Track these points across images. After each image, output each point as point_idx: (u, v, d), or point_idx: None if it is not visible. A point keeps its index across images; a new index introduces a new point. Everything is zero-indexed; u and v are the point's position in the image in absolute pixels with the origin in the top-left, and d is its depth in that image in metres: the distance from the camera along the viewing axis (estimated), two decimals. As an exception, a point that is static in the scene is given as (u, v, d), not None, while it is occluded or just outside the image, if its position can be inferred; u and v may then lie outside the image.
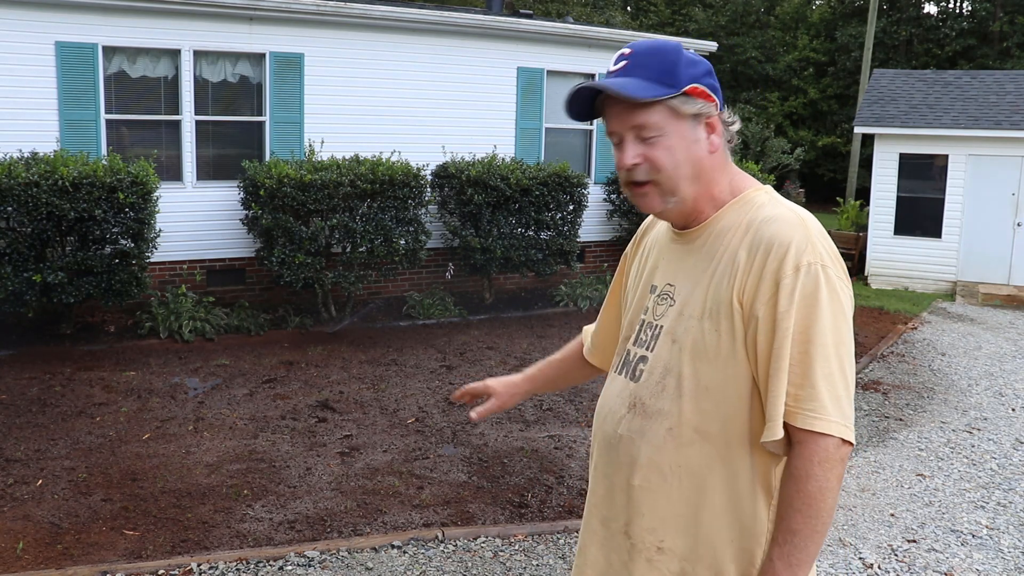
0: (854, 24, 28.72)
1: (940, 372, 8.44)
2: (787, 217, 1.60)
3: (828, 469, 1.51)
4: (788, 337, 1.52)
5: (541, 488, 5.17)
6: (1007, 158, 12.91)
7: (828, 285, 1.54)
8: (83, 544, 4.25)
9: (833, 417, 1.51)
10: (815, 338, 1.52)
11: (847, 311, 1.57)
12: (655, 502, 1.67)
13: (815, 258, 1.55)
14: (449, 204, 9.85)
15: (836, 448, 1.51)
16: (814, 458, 1.51)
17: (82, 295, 7.50)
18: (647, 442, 1.68)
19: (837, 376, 1.52)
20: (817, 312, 1.53)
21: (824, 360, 1.52)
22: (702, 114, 1.65)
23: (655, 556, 1.68)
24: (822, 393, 1.51)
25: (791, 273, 1.54)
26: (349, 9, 9.44)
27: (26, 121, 8.19)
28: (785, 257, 1.55)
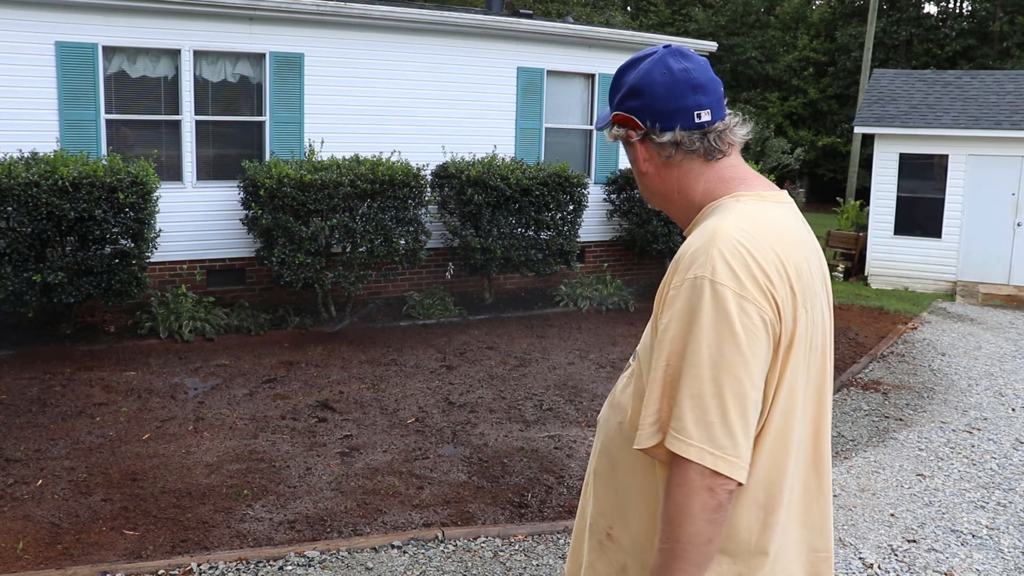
0: (854, 24, 28.73)
1: (940, 372, 8.44)
2: (705, 228, 1.58)
3: (687, 495, 1.44)
4: (663, 350, 1.50)
5: (541, 488, 5.17)
6: (1007, 158, 12.91)
7: (715, 302, 1.46)
8: (83, 544, 4.25)
9: (694, 441, 1.44)
10: (689, 356, 1.47)
11: (740, 332, 1.45)
12: (605, 490, 1.72)
13: (705, 272, 1.49)
14: (449, 204, 9.85)
15: (700, 475, 1.43)
16: (674, 479, 1.47)
17: (82, 295, 7.50)
18: (605, 431, 1.75)
19: (709, 400, 1.44)
20: (694, 329, 1.47)
21: (694, 380, 1.45)
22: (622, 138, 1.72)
23: (605, 541, 1.73)
24: (684, 414, 1.45)
25: (677, 286, 1.53)
26: (349, 9, 9.44)
27: (26, 121, 8.19)
28: (677, 270, 1.54)
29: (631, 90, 1.68)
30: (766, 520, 1.58)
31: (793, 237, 1.62)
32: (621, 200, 11.29)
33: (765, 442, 1.55)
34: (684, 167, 1.69)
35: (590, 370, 7.80)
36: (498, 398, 6.90)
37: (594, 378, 7.55)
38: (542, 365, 7.87)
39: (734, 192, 1.66)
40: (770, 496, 1.57)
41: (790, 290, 1.54)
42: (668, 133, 1.66)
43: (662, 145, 1.67)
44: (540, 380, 7.42)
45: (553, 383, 7.36)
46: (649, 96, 1.66)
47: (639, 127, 1.68)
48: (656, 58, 1.68)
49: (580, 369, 7.82)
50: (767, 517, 1.58)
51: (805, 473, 1.65)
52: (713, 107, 1.67)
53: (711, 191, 1.68)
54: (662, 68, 1.66)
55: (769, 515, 1.58)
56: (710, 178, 1.68)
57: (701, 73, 1.67)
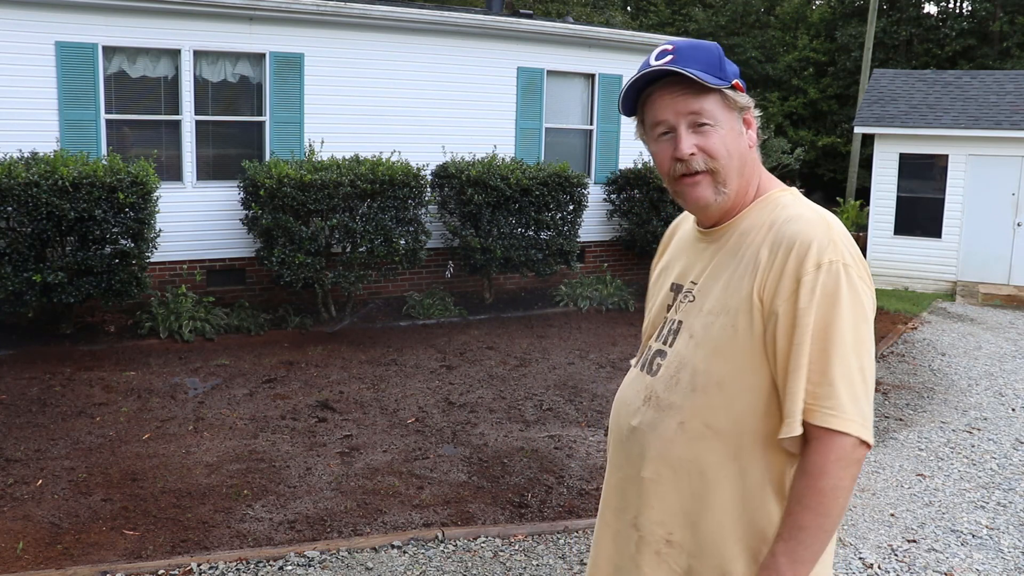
0: (854, 24, 28.73)
1: (940, 372, 8.44)
2: (809, 217, 1.61)
3: (843, 467, 1.50)
4: (808, 334, 1.52)
5: (541, 488, 5.17)
6: (1007, 158, 12.91)
7: (849, 284, 1.53)
8: (83, 544, 4.25)
9: (851, 416, 1.50)
10: (834, 336, 1.51)
11: (868, 312, 1.56)
12: (664, 495, 1.67)
13: (837, 256, 1.55)
14: (449, 204, 9.85)
15: (853, 448, 1.50)
16: (830, 455, 1.50)
17: (82, 295, 7.50)
18: (658, 435, 1.68)
19: (856, 375, 1.52)
20: (837, 310, 1.52)
21: (843, 358, 1.51)
22: (746, 108, 1.70)
23: (664, 549, 1.68)
24: (840, 391, 1.50)
25: (812, 271, 1.54)
26: (349, 9, 9.44)
27: (26, 121, 8.19)
28: (807, 255, 1.55)
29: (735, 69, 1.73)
30: None
31: None
32: (621, 200, 11.29)
33: None
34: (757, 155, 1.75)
35: (590, 370, 7.80)
36: (498, 398, 6.89)
37: (594, 378, 7.55)
38: (542, 365, 7.87)
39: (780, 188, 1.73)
40: None
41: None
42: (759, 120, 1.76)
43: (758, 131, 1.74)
44: (540, 380, 7.42)
45: (553, 383, 7.36)
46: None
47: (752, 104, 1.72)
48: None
49: (580, 369, 7.82)
50: None
51: None
52: None
53: (764, 184, 1.74)
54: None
55: None
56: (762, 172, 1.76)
57: None
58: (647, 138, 1.73)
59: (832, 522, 1.52)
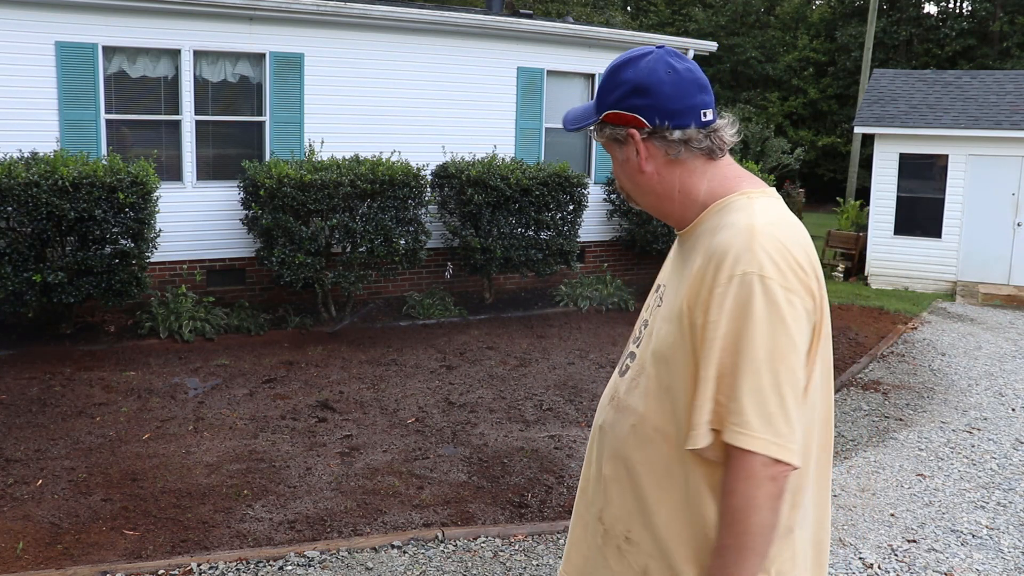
0: (854, 24, 28.73)
1: (940, 372, 8.44)
2: (737, 224, 1.59)
3: (753, 486, 1.48)
4: (715, 347, 1.52)
5: (541, 488, 5.17)
6: (1007, 158, 12.91)
7: (765, 296, 1.50)
8: (83, 544, 4.25)
9: (759, 434, 1.47)
10: (744, 351, 1.49)
11: (791, 323, 1.51)
12: (621, 493, 1.72)
13: (752, 267, 1.52)
14: (449, 204, 9.85)
15: (763, 466, 1.47)
16: (739, 473, 1.49)
17: (82, 295, 7.50)
18: (615, 435, 1.73)
19: (768, 391, 1.48)
20: (749, 323, 1.49)
21: (753, 374, 1.48)
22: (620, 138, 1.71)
23: (624, 545, 1.72)
24: (746, 408, 1.48)
25: (724, 282, 1.53)
26: (349, 9, 9.44)
27: (26, 121, 8.19)
28: (721, 265, 1.54)
29: (635, 88, 1.67)
30: (794, 500, 1.64)
31: (804, 231, 1.68)
32: (621, 200, 11.28)
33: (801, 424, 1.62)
34: (688, 165, 1.70)
35: (590, 370, 7.80)
36: (498, 398, 6.90)
37: (594, 378, 7.55)
38: (542, 365, 7.87)
39: (740, 190, 1.68)
40: (799, 477, 1.63)
41: (818, 281, 1.60)
42: (679, 131, 1.67)
43: (671, 143, 1.68)
44: (540, 380, 7.42)
45: (553, 383, 7.36)
46: (657, 94, 1.66)
47: (644, 125, 1.68)
48: (657, 56, 1.69)
49: (580, 369, 7.82)
50: (795, 497, 1.64)
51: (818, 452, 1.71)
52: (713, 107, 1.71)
53: (715, 189, 1.70)
54: (666, 67, 1.67)
55: (797, 495, 1.64)
56: (713, 176, 1.70)
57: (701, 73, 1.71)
58: None
59: (753, 539, 1.49)
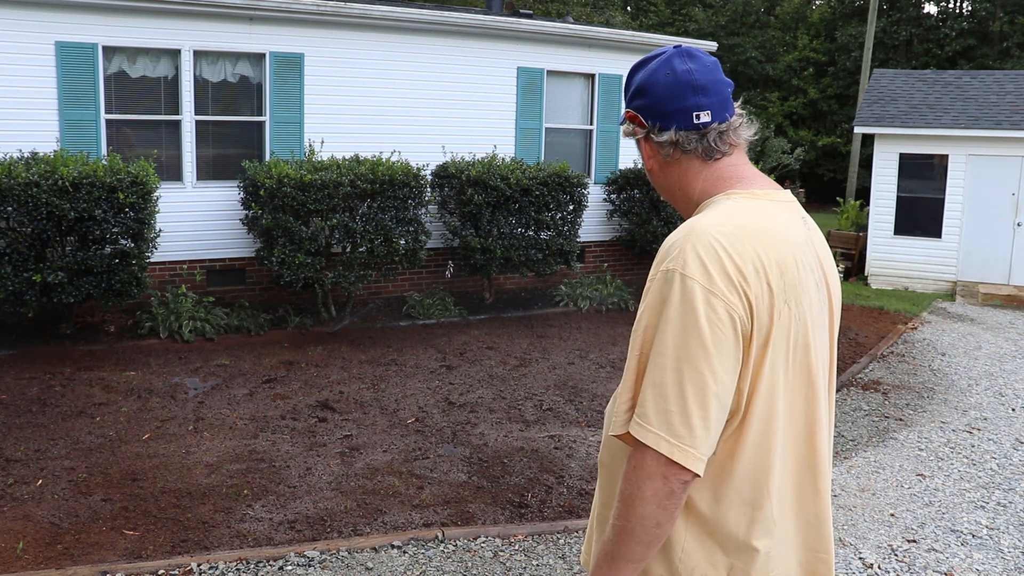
0: (854, 24, 28.73)
1: (940, 372, 8.44)
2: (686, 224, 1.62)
3: (641, 478, 1.48)
4: (636, 340, 1.56)
5: (541, 488, 5.17)
6: (1007, 158, 12.91)
7: (683, 294, 1.49)
8: (83, 544, 4.25)
9: (653, 428, 1.47)
10: (656, 346, 1.51)
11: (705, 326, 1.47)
12: (606, 481, 1.75)
13: (677, 265, 1.52)
14: (449, 204, 9.85)
15: (655, 462, 1.47)
16: (632, 462, 1.51)
17: (82, 295, 7.50)
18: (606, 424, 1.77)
19: (670, 389, 1.47)
20: (662, 320, 1.51)
21: (658, 369, 1.49)
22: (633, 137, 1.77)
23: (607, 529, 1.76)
24: (647, 401, 1.49)
25: (652, 277, 1.58)
26: (349, 9, 9.44)
27: (26, 121, 8.19)
28: (655, 262, 1.60)
29: (637, 89, 1.74)
30: (753, 516, 1.60)
31: (781, 234, 1.60)
32: (621, 200, 11.29)
33: (747, 438, 1.57)
34: (684, 166, 1.72)
35: (590, 370, 7.80)
36: (498, 398, 6.90)
37: (594, 378, 7.55)
38: (542, 365, 7.87)
39: (728, 190, 1.68)
40: (757, 492, 1.60)
41: (767, 287, 1.54)
42: (666, 133, 1.69)
43: (661, 144, 1.72)
44: (540, 380, 7.42)
45: (553, 383, 7.36)
46: (651, 96, 1.70)
47: (643, 126, 1.73)
48: (663, 59, 1.72)
49: (580, 369, 7.82)
50: (754, 513, 1.60)
51: (799, 471, 1.66)
52: (715, 108, 1.68)
53: (707, 189, 1.71)
54: (666, 69, 1.70)
55: (756, 511, 1.60)
56: (708, 177, 1.71)
57: (704, 74, 1.68)
58: None
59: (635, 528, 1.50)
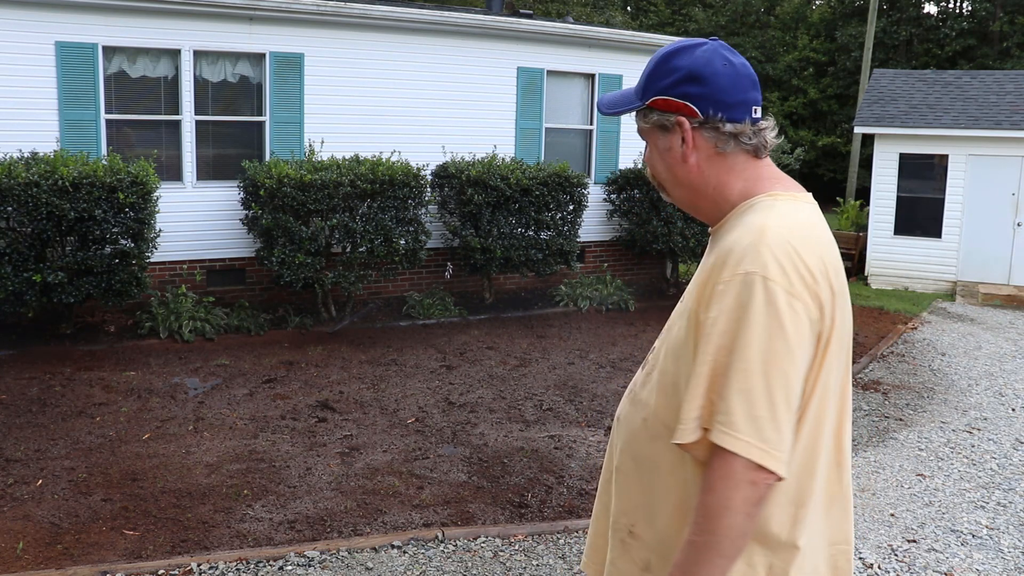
0: (854, 24, 28.73)
1: (940, 372, 8.44)
2: (750, 224, 1.57)
3: (730, 487, 1.45)
4: (710, 344, 1.50)
5: (541, 488, 5.17)
6: (1007, 158, 12.90)
7: (767, 298, 1.47)
8: (83, 544, 4.25)
9: (743, 435, 1.45)
10: (738, 351, 1.47)
11: (789, 329, 1.47)
12: (628, 487, 1.72)
13: (756, 268, 1.49)
14: (449, 204, 9.85)
15: (744, 469, 1.44)
16: (718, 472, 1.46)
17: (82, 295, 7.50)
18: (627, 428, 1.74)
19: (758, 394, 1.45)
20: (745, 324, 1.47)
21: (744, 375, 1.46)
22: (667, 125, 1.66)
23: (628, 539, 1.73)
24: (734, 408, 1.46)
25: (726, 280, 1.52)
26: (349, 9, 9.44)
27: (26, 121, 8.18)
28: (725, 264, 1.53)
29: (690, 76, 1.63)
30: (796, 514, 1.60)
31: (828, 237, 1.64)
32: (621, 200, 11.28)
33: (801, 438, 1.57)
34: (730, 162, 1.67)
35: (590, 370, 7.80)
36: (498, 398, 6.89)
37: (594, 378, 7.55)
38: (542, 365, 7.87)
39: (769, 191, 1.66)
40: (801, 491, 1.60)
41: (830, 289, 1.56)
42: (731, 124, 1.64)
43: (722, 135, 1.64)
44: (540, 380, 7.42)
45: (553, 383, 7.36)
46: (712, 85, 1.63)
47: (695, 115, 1.64)
48: (713, 48, 1.66)
49: (580, 369, 7.81)
50: (797, 511, 1.60)
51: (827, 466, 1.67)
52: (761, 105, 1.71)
53: (748, 189, 1.67)
54: (722, 59, 1.64)
55: (799, 509, 1.61)
56: (750, 176, 1.68)
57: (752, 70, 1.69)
58: None
59: (719, 542, 1.46)
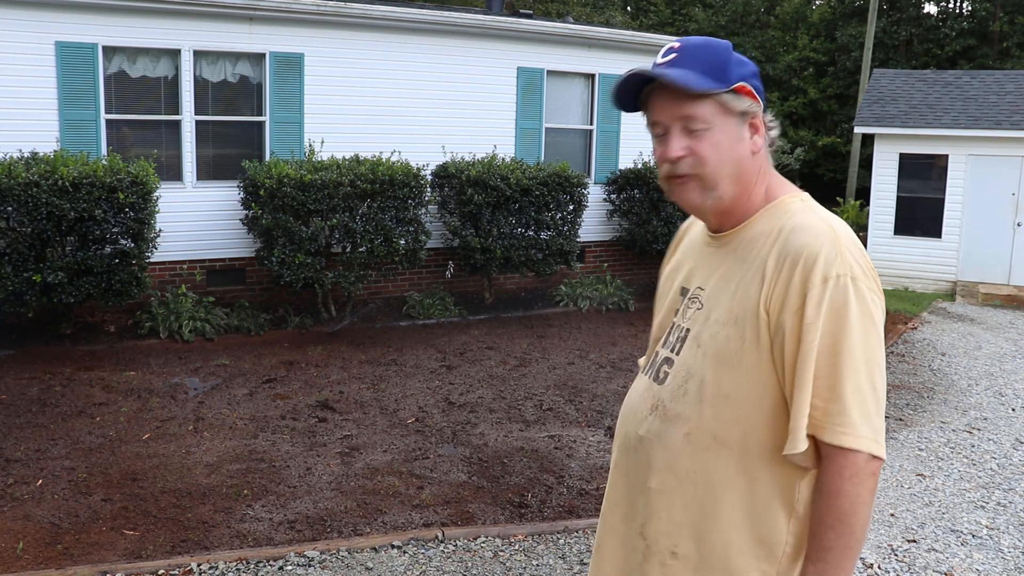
0: (854, 24, 28.73)
1: (940, 372, 8.44)
2: (817, 226, 1.58)
3: (859, 484, 1.50)
4: (813, 349, 1.50)
5: (541, 488, 5.16)
6: (1007, 158, 12.91)
7: (858, 297, 1.52)
8: (83, 544, 4.25)
9: (862, 432, 1.49)
10: (844, 351, 1.50)
11: (878, 325, 1.54)
12: (670, 506, 1.66)
13: (844, 270, 1.52)
14: (449, 204, 9.85)
15: (866, 463, 1.50)
16: (844, 473, 1.50)
17: (82, 295, 7.50)
18: (664, 445, 1.67)
19: (867, 390, 1.51)
20: (846, 325, 1.50)
21: (853, 374, 1.50)
22: (748, 113, 1.65)
23: (669, 561, 1.67)
24: (850, 408, 1.49)
25: (819, 284, 1.52)
26: (349, 9, 9.44)
27: (26, 121, 8.19)
28: (814, 268, 1.53)
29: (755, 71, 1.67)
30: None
31: None
32: (621, 200, 11.29)
33: None
34: (764, 160, 1.70)
35: (590, 370, 7.80)
36: (498, 398, 6.89)
37: (594, 378, 7.55)
38: (542, 365, 7.87)
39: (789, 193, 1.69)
40: None
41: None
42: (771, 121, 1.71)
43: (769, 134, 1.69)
44: (540, 380, 7.42)
45: (553, 383, 7.36)
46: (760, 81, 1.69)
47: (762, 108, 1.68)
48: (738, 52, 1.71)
49: (580, 369, 7.81)
50: None
51: None
52: None
53: (772, 190, 1.69)
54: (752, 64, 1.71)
55: None
56: (774, 176, 1.71)
57: None
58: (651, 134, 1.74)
59: (856, 539, 1.51)
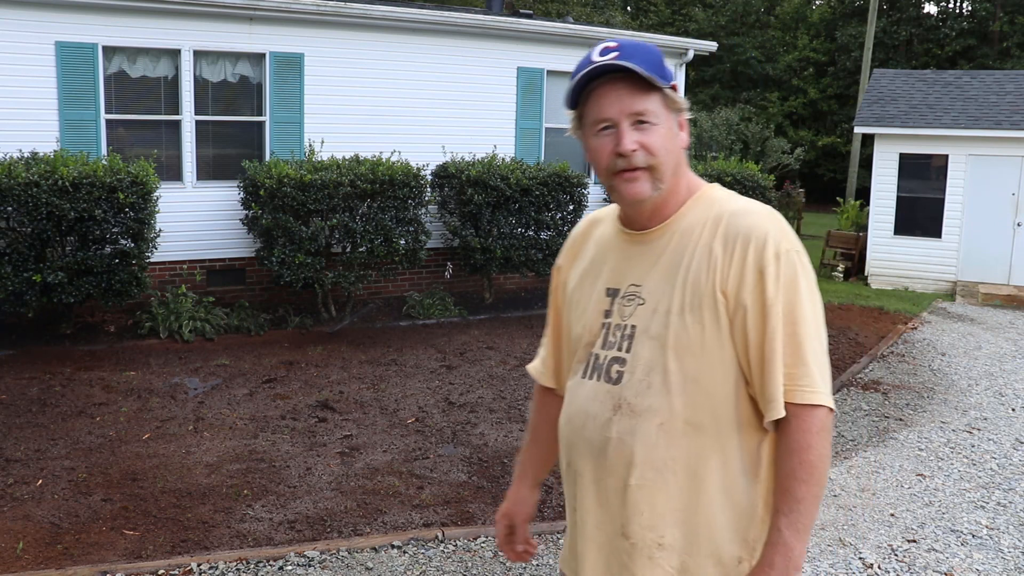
0: (854, 24, 28.74)
1: (940, 372, 8.44)
2: (758, 210, 1.70)
3: (824, 437, 1.63)
4: (779, 320, 1.62)
5: (541, 488, 5.16)
6: (1007, 158, 12.91)
7: (803, 269, 1.65)
8: (83, 544, 4.25)
9: (823, 390, 1.63)
10: (800, 319, 1.63)
11: (816, 289, 1.69)
12: (653, 499, 1.69)
13: (790, 245, 1.65)
14: (449, 204, 9.85)
15: (827, 416, 1.63)
16: (813, 429, 1.61)
17: (82, 295, 7.50)
18: (639, 441, 1.68)
19: (820, 352, 1.65)
20: (799, 295, 1.64)
21: (811, 339, 1.63)
22: (682, 110, 1.73)
23: (656, 553, 1.70)
24: (813, 370, 1.62)
25: (773, 261, 1.63)
26: (349, 9, 9.44)
27: (26, 121, 8.19)
28: (766, 246, 1.63)
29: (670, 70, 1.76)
30: None
31: None
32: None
33: None
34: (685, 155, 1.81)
35: (590, 370, 7.79)
36: (498, 398, 6.90)
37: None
38: (542, 365, 7.85)
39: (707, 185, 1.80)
40: None
41: None
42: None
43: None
44: (540, 380, 7.41)
45: (553, 383, 7.35)
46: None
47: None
48: None
49: (580, 369, 7.81)
50: None
51: None
52: None
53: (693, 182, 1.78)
54: None
55: None
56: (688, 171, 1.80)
57: None
58: (584, 133, 1.73)
59: (822, 487, 1.64)
